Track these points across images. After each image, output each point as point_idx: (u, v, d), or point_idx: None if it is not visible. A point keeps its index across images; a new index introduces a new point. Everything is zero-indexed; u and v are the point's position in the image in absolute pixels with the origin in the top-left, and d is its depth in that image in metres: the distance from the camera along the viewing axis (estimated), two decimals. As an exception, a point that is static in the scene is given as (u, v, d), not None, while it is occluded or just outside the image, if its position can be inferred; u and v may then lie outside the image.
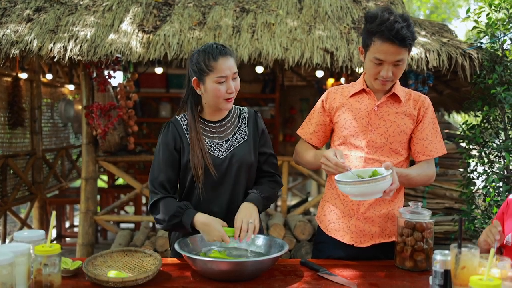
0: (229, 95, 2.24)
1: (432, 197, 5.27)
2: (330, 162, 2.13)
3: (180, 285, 1.98)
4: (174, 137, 2.33)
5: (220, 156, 2.30)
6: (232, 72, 2.23)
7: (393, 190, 2.07)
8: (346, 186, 2.03)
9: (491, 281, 1.51)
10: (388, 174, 2.02)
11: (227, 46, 2.30)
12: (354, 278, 2.08)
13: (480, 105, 4.20)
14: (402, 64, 2.23)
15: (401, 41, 2.13)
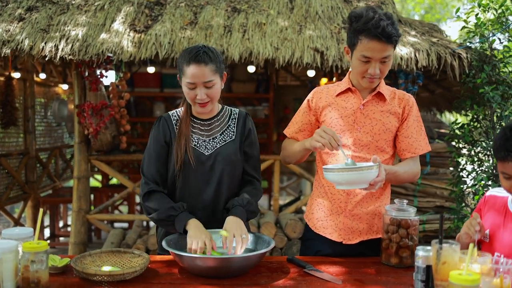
0: (200, 101, 2.26)
1: (423, 196, 5.32)
2: (327, 133, 2.12)
3: (167, 281, 1.99)
4: (164, 132, 2.37)
5: (206, 153, 2.33)
6: (202, 80, 2.22)
7: (379, 184, 2.09)
8: (332, 174, 2.06)
9: (470, 276, 1.54)
10: (374, 165, 2.05)
11: (211, 53, 2.28)
12: (340, 274, 2.10)
13: (469, 104, 4.24)
14: (389, 60, 2.27)
15: (387, 38, 2.17)
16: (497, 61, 4.13)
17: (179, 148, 2.30)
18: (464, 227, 2.01)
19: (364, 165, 2.05)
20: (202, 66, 2.21)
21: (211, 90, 2.26)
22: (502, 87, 4.03)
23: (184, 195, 2.35)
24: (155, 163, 2.35)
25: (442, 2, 16.30)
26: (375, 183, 2.07)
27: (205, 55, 2.24)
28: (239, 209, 2.27)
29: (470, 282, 1.51)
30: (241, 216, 2.24)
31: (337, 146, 2.11)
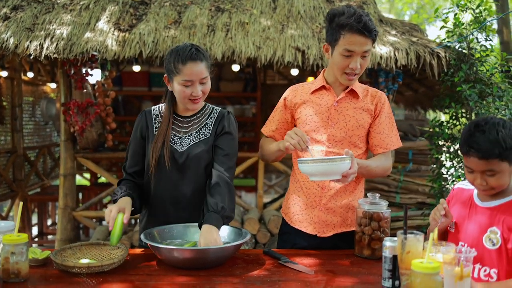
0: (195, 97, 2.33)
1: (405, 192, 5.41)
2: (297, 135, 2.21)
3: (145, 272, 2.05)
4: (141, 127, 2.46)
5: (179, 149, 2.39)
6: (200, 77, 2.30)
7: (351, 176, 2.16)
8: (306, 165, 2.13)
9: (431, 264, 1.61)
10: (347, 156, 2.12)
11: (202, 50, 2.35)
12: (313, 266, 2.17)
13: (448, 102, 4.33)
14: (368, 55, 2.36)
15: (369, 32, 2.26)
16: (475, 60, 4.22)
17: (155, 146, 2.36)
18: (431, 213, 2.09)
19: (337, 157, 2.12)
20: (199, 63, 2.29)
21: (205, 86, 2.35)
22: (479, 85, 4.12)
23: (158, 190, 2.41)
24: (131, 156, 2.48)
25: (429, 2, 16.44)
26: (348, 175, 2.14)
27: (199, 52, 2.32)
28: (214, 216, 2.23)
29: (431, 269, 1.59)
30: (216, 223, 2.21)
31: (306, 148, 2.21)
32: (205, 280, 1.95)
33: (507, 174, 1.89)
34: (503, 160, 1.85)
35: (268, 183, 8.49)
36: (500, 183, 1.89)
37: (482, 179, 1.90)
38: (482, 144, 1.84)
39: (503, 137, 1.83)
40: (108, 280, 1.95)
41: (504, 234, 1.87)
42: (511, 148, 1.84)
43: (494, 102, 4.06)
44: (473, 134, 1.88)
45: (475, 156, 1.87)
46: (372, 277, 2.02)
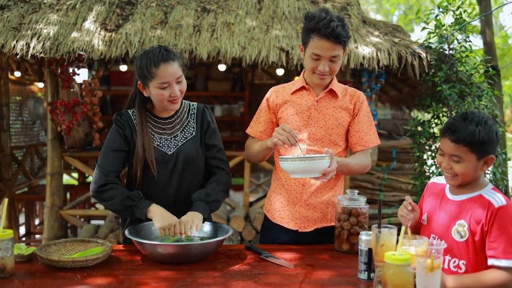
0: (173, 98, 2.33)
1: (389, 190, 5.50)
2: (285, 130, 2.25)
3: (128, 267, 2.10)
4: (123, 128, 2.41)
5: (168, 152, 2.41)
6: (175, 77, 2.29)
7: (331, 174, 2.22)
8: (287, 163, 2.20)
9: (403, 256, 1.68)
10: (326, 155, 2.19)
11: (171, 50, 2.34)
12: (293, 260, 2.23)
13: (429, 102, 4.42)
14: (338, 60, 2.41)
15: (336, 38, 2.31)
16: (455, 60, 4.32)
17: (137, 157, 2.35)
18: (399, 211, 2.17)
19: (317, 155, 2.19)
20: (171, 63, 2.28)
21: (181, 85, 2.34)
22: (459, 85, 4.21)
23: (146, 193, 2.38)
24: (112, 155, 2.38)
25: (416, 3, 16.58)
26: (327, 173, 2.21)
27: (169, 52, 2.31)
28: (199, 204, 2.33)
29: (402, 261, 1.65)
30: (202, 210, 2.30)
31: (295, 142, 2.26)
32: (187, 274, 2.00)
33: (472, 167, 1.96)
34: (472, 152, 1.93)
35: (256, 182, 8.54)
36: (463, 172, 1.96)
37: (448, 162, 1.98)
38: (458, 128, 1.93)
39: (479, 130, 1.91)
40: (92, 274, 1.99)
41: (471, 227, 1.95)
42: (482, 143, 1.91)
43: (473, 101, 4.16)
44: (456, 119, 1.98)
45: (448, 138, 1.96)
46: (349, 270, 2.08)
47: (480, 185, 2.03)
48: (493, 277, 1.84)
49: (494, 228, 1.89)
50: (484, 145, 1.92)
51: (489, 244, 1.89)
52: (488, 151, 1.95)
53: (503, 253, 1.85)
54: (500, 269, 1.85)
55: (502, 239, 1.86)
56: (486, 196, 1.96)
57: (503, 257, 1.85)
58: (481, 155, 1.95)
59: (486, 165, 1.99)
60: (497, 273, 1.85)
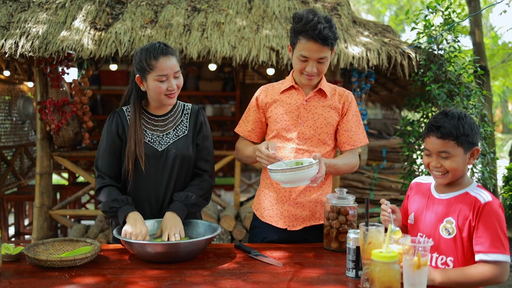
0: (170, 92, 2.37)
1: (379, 189, 5.53)
2: (263, 154, 2.30)
3: (117, 266, 2.10)
4: (117, 126, 2.45)
5: (159, 148, 2.43)
6: (173, 71, 2.35)
7: (320, 179, 2.26)
8: (277, 174, 2.22)
9: (389, 253, 1.70)
10: (314, 163, 2.21)
11: (170, 46, 2.40)
12: (282, 258, 2.25)
13: (418, 101, 4.45)
14: (326, 61, 2.42)
15: (323, 40, 2.33)
16: (444, 60, 4.35)
17: (129, 150, 2.38)
18: (380, 217, 2.19)
19: (305, 164, 2.20)
20: (170, 57, 2.34)
21: (178, 80, 2.39)
22: (447, 85, 4.24)
23: (136, 189, 2.43)
24: (108, 157, 2.43)
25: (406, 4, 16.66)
26: (316, 179, 2.24)
27: (168, 48, 2.37)
28: (177, 205, 2.37)
29: (389, 258, 1.68)
30: (179, 211, 2.34)
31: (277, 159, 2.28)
32: (176, 273, 2.00)
33: (461, 160, 2.00)
34: (459, 145, 1.97)
35: (247, 182, 8.55)
36: (454, 167, 2.00)
37: (437, 161, 2.02)
38: (443, 124, 1.97)
39: (462, 124, 1.96)
40: (80, 274, 1.99)
41: (459, 223, 1.98)
42: (467, 135, 1.97)
43: (462, 101, 4.19)
44: (437, 117, 2.03)
45: (434, 136, 1.99)
46: (338, 268, 2.10)
47: (465, 183, 2.07)
48: (480, 271, 1.87)
49: (481, 223, 1.92)
50: (469, 137, 1.97)
51: (477, 240, 1.93)
52: (473, 142, 2.00)
53: (490, 247, 1.88)
54: (487, 263, 1.88)
55: (488, 234, 1.90)
56: (472, 193, 2.00)
57: (490, 251, 1.88)
58: (468, 148, 2.00)
59: (472, 157, 2.04)
60: (484, 267, 1.88)
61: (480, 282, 1.87)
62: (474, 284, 1.88)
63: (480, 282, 1.87)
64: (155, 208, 2.45)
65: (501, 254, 1.87)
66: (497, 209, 1.94)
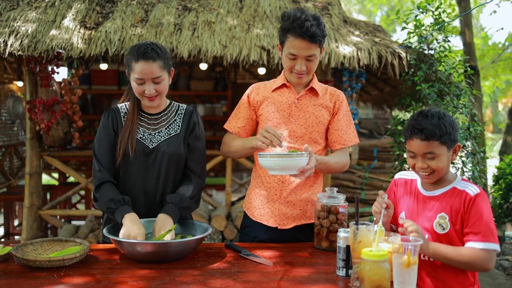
0: (148, 96, 2.35)
1: (369, 189, 5.54)
2: (269, 132, 2.27)
3: (106, 266, 2.08)
4: (113, 121, 2.45)
5: (150, 145, 2.42)
6: (151, 76, 2.31)
7: (309, 171, 2.24)
8: (265, 159, 2.22)
9: (379, 252, 1.70)
10: (305, 153, 2.21)
11: (159, 50, 2.36)
12: (273, 258, 2.24)
13: (409, 101, 4.47)
14: (315, 59, 2.43)
15: (311, 38, 2.33)
16: (434, 60, 4.36)
17: (122, 140, 2.39)
18: (373, 207, 2.19)
19: (295, 153, 2.20)
20: (150, 62, 2.30)
21: (159, 86, 2.35)
22: (438, 84, 4.26)
23: (126, 185, 2.43)
24: (108, 150, 2.42)
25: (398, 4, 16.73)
26: (305, 170, 2.23)
27: (153, 52, 2.32)
28: (171, 207, 2.36)
29: (379, 257, 1.68)
30: (172, 214, 2.33)
31: (280, 143, 2.26)
32: (166, 273, 1.99)
33: (446, 158, 2.04)
34: (443, 144, 2.01)
35: (239, 182, 8.55)
36: (440, 166, 2.03)
37: (423, 162, 2.04)
38: (425, 126, 2.00)
39: (443, 123, 2.00)
40: (69, 274, 1.97)
41: (452, 218, 2.01)
42: (449, 134, 2.00)
43: (452, 101, 4.21)
44: (417, 119, 2.05)
45: (418, 138, 2.02)
46: (328, 267, 2.10)
47: (450, 178, 2.12)
48: (470, 252, 1.92)
49: (471, 214, 1.97)
50: (451, 135, 2.01)
51: (468, 229, 1.97)
52: (455, 139, 2.04)
53: (481, 236, 1.93)
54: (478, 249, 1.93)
55: (478, 224, 1.95)
56: (460, 188, 2.05)
57: (482, 240, 1.93)
58: (450, 145, 2.04)
59: (455, 153, 2.09)
60: (474, 250, 1.93)
61: (467, 263, 1.92)
62: (462, 263, 1.93)
63: (468, 263, 1.92)
64: (146, 204, 2.44)
65: (491, 243, 1.92)
66: (486, 199, 2.01)
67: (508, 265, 5.82)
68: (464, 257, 1.91)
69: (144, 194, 2.44)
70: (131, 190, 2.43)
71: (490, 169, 5.56)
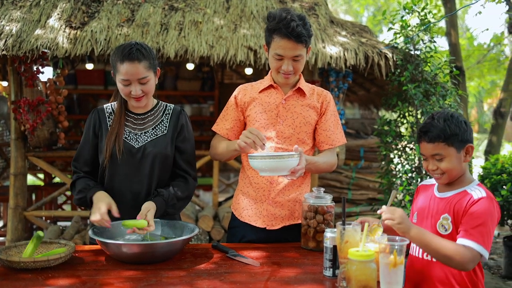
0: (135, 96, 2.34)
1: (356, 189, 5.57)
2: (253, 133, 2.25)
3: (92, 268, 2.07)
4: (94, 123, 2.45)
5: (136, 145, 2.41)
6: (136, 77, 2.29)
7: (299, 172, 2.24)
8: (256, 161, 2.21)
9: (366, 252, 1.71)
10: (295, 153, 2.21)
11: (144, 50, 2.33)
12: (260, 258, 2.24)
13: (395, 101, 4.50)
14: (301, 59, 2.43)
15: (296, 37, 2.33)
16: (420, 60, 4.40)
17: (109, 140, 2.37)
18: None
19: (285, 154, 2.20)
20: (136, 63, 2.27)
21: (145, 86, 2.34)
22: (424, 85, 4.29)
23: (113, 185, 2.41)
24: (85, 153, 2.44)
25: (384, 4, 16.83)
26: (296, 171, 2.22)
27: (138, 52, 2.29)
28: (159, 200, 2.36)
29: (365, 257, 1.69)
30: (158, 205, 2.33)
31: (263, 145, 2.25)
32: (152, 274, 1.98)
33: (455, 159, 2.05)
34: (449, 145, 2.03)
35: (226, 182, 8.54)
36: (449, 167, 2.04)
37: (433, 163, 2.07)
38: (429, 128, 2.04)
39: (448, 125, 2.02)
40: (54, 275, 1.95)
41: (455, 219, 2.02)
42: (456, 135, 2.02)
43: (438, 101, 4.24)
44: (426, 121, 2.09)
45: (424, 141, 2.07)
46: (315, 268, 2.10)
47: (466, 181, 2.11)
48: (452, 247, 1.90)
49: (468, 213, 1.97)
50: (458, 136, 2.02)
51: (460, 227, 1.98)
52: (464, 140, 2.05)
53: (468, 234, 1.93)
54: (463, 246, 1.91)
55: (471, 224, 1.94)
56: (469, 191, 2.05)
57: (467, 237, 1.92)
58: (460, 147, 2.04)
59: (468, 155, 2.08)
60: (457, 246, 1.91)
61: (449, 256, 1.89)
62: (443, 256, 1.90)
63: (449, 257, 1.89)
64: (132, 205, 2.41)
65: (479, 244, 1.90)
66: (490, 204, 1.98)
67: (493, 264, 5.88)
68: (446, 249, 1.88)
69: (131, 195, 2.42)
70: (117, 191, 2.41)
71: (476, 169, 5.61)
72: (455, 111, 4.29)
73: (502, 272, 5.43)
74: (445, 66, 4.40)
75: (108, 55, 4.36)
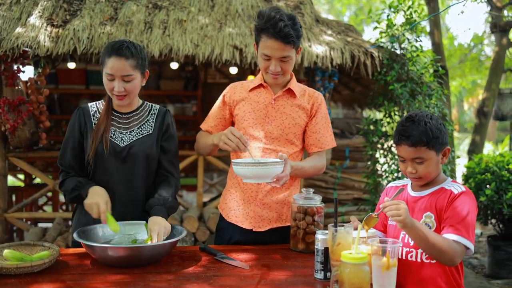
0: (117, 93, 2.32)
1: (342, 188, 5.57)
2: (235, 136, 2.23)
3: (77, 272, 2.02)
4: (79, 122, 2.43)
5: (121, 144, 2.38)
6: (120, 74, 2.29)
7: (284, 179, 2.22)
8: (239, 167, 2.18)
9: (359, 255, 1.68)
10: (280, 161, 2.18)
11: (133, 48, 2.34)
12: (249, 261, 2.21)
13: (381, 101, 4.50)
14: (289, 60, 2.39)
15: (284, 38, 2.29)
16: (406, 60, 4.41)
17: (95, 138, 2.36)
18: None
19: (270, 161, 2.17)
20: (123, 59, 2.28)
21: (129, 85, 2.32)
22: (410, 84, 4.31)
23: (97, 184, 2.37)
24: (70, 151, 2.42)
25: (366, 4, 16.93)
26: (280, 178, 2.21)
27: (127, 49, 2.30)
28: (158, 209, 2.34)
29: (359, 260, 1.66)
30: (162, 214, 2.31)
31: (245, 148, 2.23)
32: (139, 278, 1.94)
33: (434, 162, 2.05)
34: (430, 149, 2.02)
35: (210, 182, 8.49)
36: (428, 171, 2.04)
37: (413, 167, 2.05)
38: (411, 132, 2.01)
39: (430, 128, 2.01)
40: (38, 280, 1.90)
41: (438, 216, 2.02)
42: (437, 138, 2.01)
43: (424, 100, 4.26)
44: (405, 124, 2.06)
45: (406, 144, 2.03)
46: (306, 270, 2.07)
47: (441, 179, 2.12)
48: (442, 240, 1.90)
49: (450, 208, 1.98)
50: (438, 139, 2.02)
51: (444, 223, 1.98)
52: (443, 143, 2.05)
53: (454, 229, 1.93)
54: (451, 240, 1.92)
55: (455, 218, 1.94)
56: (447, 187, 2.06)
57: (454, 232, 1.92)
58: (439, 149, 2.05)
59: (445, 156, 2.10)
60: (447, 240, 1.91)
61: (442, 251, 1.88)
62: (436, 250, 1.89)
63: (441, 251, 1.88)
64: (117, 204, 2.38)
65: (465, 238, 1.91)
66: (471, 199, 2.00)
67: (477, 263, 5.93)
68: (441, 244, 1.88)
69: (115, 193, 2.38)
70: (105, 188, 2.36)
71: (459, 167, 5.66)
72: (441, 110, 4.33)
73: (486, 271, 5.47)
74: (430, 65, 4.42)
75: (91, 54, 4.29)
